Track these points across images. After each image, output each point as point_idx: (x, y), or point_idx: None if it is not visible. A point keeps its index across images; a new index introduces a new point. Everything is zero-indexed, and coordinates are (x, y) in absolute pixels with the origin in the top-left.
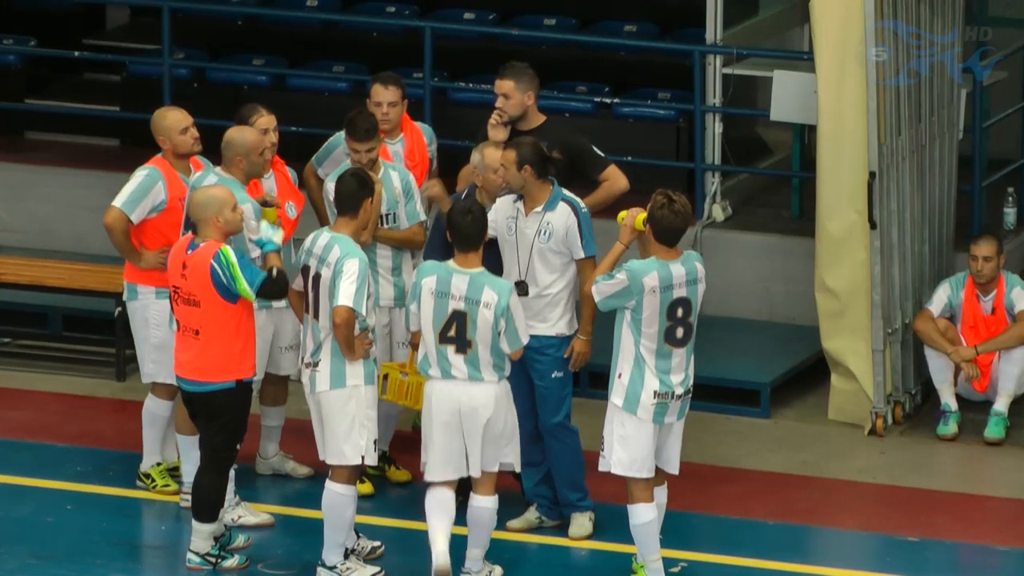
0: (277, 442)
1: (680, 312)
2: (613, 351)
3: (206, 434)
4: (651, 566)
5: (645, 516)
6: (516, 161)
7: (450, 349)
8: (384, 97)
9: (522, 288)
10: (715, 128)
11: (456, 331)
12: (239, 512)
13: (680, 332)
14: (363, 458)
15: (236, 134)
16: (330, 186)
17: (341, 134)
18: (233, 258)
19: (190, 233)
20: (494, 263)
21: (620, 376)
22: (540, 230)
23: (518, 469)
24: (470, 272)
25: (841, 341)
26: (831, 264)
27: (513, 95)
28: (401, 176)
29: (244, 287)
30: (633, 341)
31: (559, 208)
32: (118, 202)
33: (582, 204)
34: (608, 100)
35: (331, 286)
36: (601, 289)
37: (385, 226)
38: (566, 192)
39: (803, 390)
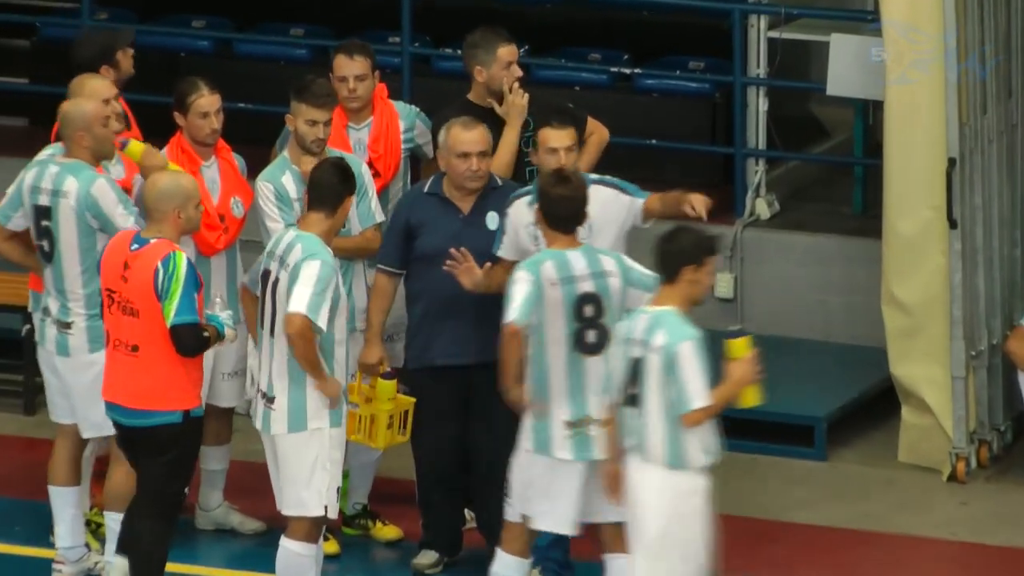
0: (221, 490)
1: (589, 311)
2: None
3: (146, 473)
4: None
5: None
6: (577, 142)
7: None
8: (350, 70)
9: None
10: (759, 105)
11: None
12: None
13: (592, 336)
14: (326, 508)
15: (71, 107)
16: (260, 185)
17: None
18: (183, 272)
19: (133, 226)
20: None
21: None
22: None
23: None
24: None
25: (914, 366)
26: (902, 272)
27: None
28: (353, 170)
29: (169, 311)
30: (536, 362)
31: (590, 194)
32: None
33: (609, 177)
34: (628, 71)
35: (286, 293)
36: (512, 296)
37: None
38: (591, 175)
39: (867, 426)
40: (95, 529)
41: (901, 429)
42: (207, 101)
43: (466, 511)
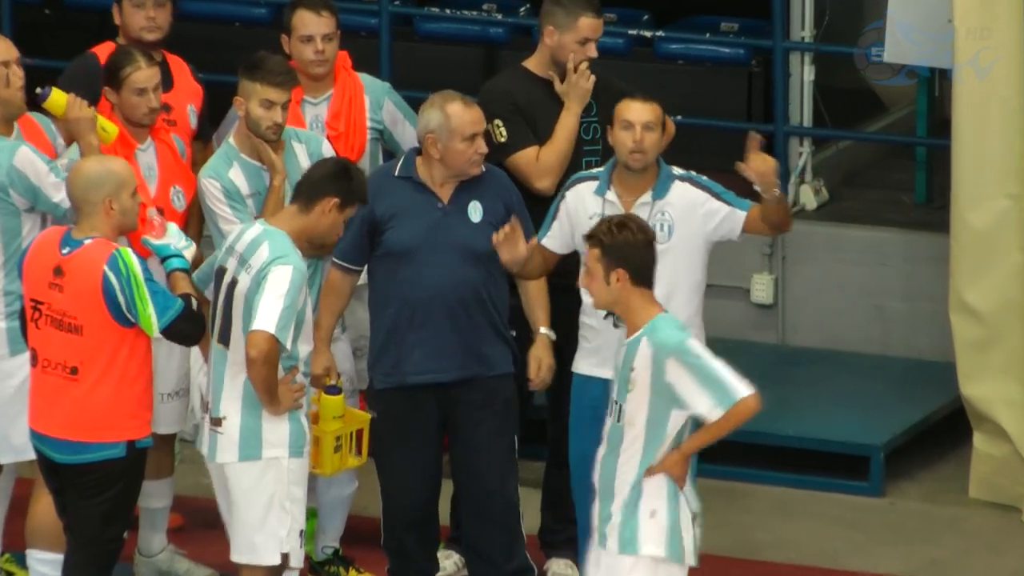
0: (164, 531)
1: None
2: (619, 478)
3: (78, 516)
4: None
5: None
6: (660, 122)
7: None
8: (317, 28)
9: (618, 318)
10: (804, 74)
11: None
12: None
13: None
14: (285, 556)
15: None
16: (205, 183)
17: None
18: (138, 269)
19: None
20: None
21: (654, 514)
22: (653, 225)
23: None
24: None
25: (987, 385)
26: (973, 272)
27: None
28: (311, 149)
29: (149, 318)
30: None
31: (673, 191)
32: None
33: (699, 176)
34: (648, 34)
35: (248, 301)
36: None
37: None
38: (676, 169)
39: (932, 456)
40: None
41: (972, 460)
42: (145, 75)
43: (452, 560)
